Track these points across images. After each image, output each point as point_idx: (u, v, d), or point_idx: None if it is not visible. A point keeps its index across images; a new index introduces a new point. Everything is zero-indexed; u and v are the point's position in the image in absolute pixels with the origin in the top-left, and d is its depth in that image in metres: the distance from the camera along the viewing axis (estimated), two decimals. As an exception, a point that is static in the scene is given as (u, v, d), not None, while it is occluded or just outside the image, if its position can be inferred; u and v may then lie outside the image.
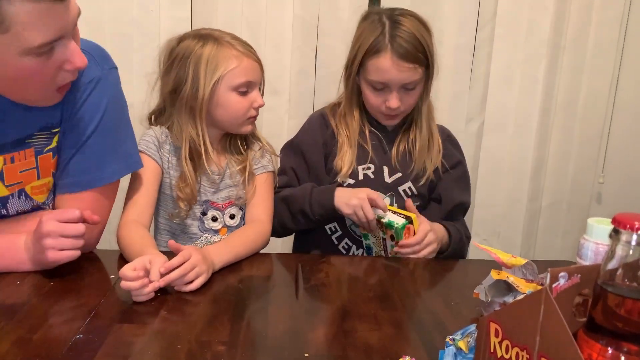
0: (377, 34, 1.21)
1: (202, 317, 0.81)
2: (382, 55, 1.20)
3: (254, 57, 1.17)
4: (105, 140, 1.00)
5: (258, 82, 1.19)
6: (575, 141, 1.90)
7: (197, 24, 1.67)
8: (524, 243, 1.94)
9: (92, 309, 0.82)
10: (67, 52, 0.86)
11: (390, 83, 1.22)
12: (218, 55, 1.13)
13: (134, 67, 1.67)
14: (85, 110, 0.98)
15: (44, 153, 0.98)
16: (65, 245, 0.89)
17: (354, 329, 0.81)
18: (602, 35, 1.81)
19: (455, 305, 0.90)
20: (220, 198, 1.21)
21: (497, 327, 0.57)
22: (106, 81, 1.00)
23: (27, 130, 0.95)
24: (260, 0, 1.69)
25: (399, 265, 1.11)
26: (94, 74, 0.98)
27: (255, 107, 1.17)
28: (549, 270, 0.53)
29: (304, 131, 1.36)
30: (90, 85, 0.97)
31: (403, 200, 1.30)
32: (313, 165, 1.31)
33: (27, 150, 0.96)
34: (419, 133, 1.31)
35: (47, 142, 0.98)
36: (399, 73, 1.20)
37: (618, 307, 0.50)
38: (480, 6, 1.78)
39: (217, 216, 1.21)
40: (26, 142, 0.96)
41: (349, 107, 1.31)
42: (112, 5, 1.63)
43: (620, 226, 0.50)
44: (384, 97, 1.24)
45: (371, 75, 1.23)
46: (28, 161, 0.97)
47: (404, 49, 1.19)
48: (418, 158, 1.30)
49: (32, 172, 0.98)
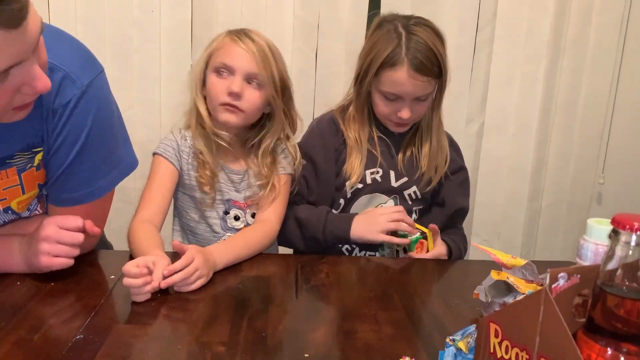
0: (393, 45, 1.20)
1: (202, 318, 0.82)
2: (399, 68, 1.19)
3: (251, 50, 1.14)
4: (92, 156, 0.95)
5: (242, 71, 1.13)
6: (576, 142, 1.90)
7: (197, 24, 1.68)
8: (525, 243, 1.94)
9: (92, 309, 0.82)
10: (26, 76, 0.75)
11: (404, 95, 1.22)
12: (219, 39, 1.17)
13: (134, 67, 1.67)
14: (68, 132, 0.91)
15: (27, 169, 0.94)
16: (60, 253, 0.89)
17: (354, 329, 0.81)
18: (602, 36, 1.81)
19: (455, 306, 0.90)
20: (242, 197, 1.23)
21: (496, 328, 0.57)
22: (87, 96, 0.91)
23: (7, 151, 0.91)
24: (260, 1, 1.69)
25: (399, 266, 1.11)
26: (72, 94, 0.89)
27: (228, 92, 1.12)
28: (548, 270, 0.53)
29: (314, 137, 1.33)
30: (69, 106, 0.90)
31: (407, 203, 1.31)
32: (323, 172, 1.30)
33: (8, 170, 0.93)
34: (428, 144, 1.31)
35: (29, 161, 0.94)
36: (414, 86, 1.20)
37: (617, 307, 0.50)
38: (480, 7, 1.78)
39: (239, 215, 1.23)
40: (7, 162, 0.92)
41: (360, 113, 1.30)
42: (112, 6, 1.63)
43: (619, 227, 0.50)
44: (395, 107, 1.24)
45: (385, 86, 1.22)
46: (11, 179, 0.94)
47: (420, 62, 1.18)
48: (426, 171, 1.31)
49: (16, 189, 0.95)
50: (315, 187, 1.30)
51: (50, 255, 0.88)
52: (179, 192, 1.22)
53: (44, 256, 0.88)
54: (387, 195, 1.31)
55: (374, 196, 1.31)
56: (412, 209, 1.34)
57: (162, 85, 1.69)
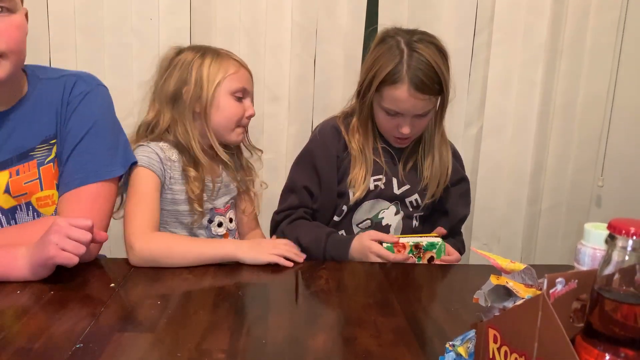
0: (395, 62, 1.20)
1: (202, 325, 0.82)
2: (399, 86, 1.19)
3: (248, 69, 1.24)
4: (97, 142, 1.07)
5: (251, 93, 1.25)
6: (574, 144, 1.90)
7: (196, 32, 1.68)
8: (525, 247, 1.94)
9: (93, 317, 0.82)
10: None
11: (404, 112, 1.23)
12: (219, 62, 1.20)
13: (133, 75, 1.68)
14: (76, 117, 1.06)
15: (46, 164, 1.06)
16: (68, 247, 0.91)
17: (354, 335, 0.81)
18: (599, 38, 1.82)
19: (455, 311, 0.90)
20: (222, 203, 1.26)
21: (495, 333, 0.58)
22: (95, 93, 1.09)
23: (29, 144, 1.05)
24: (259, 8, 1.70)
25: (398, 271, 1.11)
26: (82, 89, 1.08)
27: (247, 115, 1.22)
28: (546, 276, 0.53)
29: (317, 144, 1.33)
30: (79, 97, 1.07)
31: (408, 210, 1.33)
32: (326, 180, 1.30)
33: (30, 163, 1.05)
34: (430, 158, 1.32)
35: (47, 153, 1.06)
36: (414, 104, 1.21)
37: (615, 312, 0.50)
38: (477, 11, 1.78)
39: (221, 221, 1.26)
40: (29, 155, 1.05)
41: (363, 126, 1.30)
42: (111, 15, 1.64)
43: (615, 232, 0.50)
44: (396, 122, 1.25)
45: (386, 103, 1.23)
46: (31, 172, 1.05)
47: (421, 80, 1.18)
48: (429, 183, 1.32)
49: (35, 183, 1.05)
50: (318, 195, 1.30)
51: (59, 247, 0.90)
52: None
53: (53, 246, 0.90)
54: (388, 201, 1.32)
55: (377, 202, 1.32)
56: (413, 216, 1.35)
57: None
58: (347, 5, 1.72)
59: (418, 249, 1.19)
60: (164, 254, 1.04)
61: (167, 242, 1.07)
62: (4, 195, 1.04)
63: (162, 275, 1.01)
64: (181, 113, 1.18)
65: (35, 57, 1.62)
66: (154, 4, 1.65)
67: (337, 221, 1.33)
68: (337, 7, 1.73)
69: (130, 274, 1.01)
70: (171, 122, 1.19)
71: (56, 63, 1.65)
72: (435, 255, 1.20)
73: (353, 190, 1.29)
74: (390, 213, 1.33)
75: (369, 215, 1.32)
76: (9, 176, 1.03)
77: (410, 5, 1.74)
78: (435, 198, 1.34)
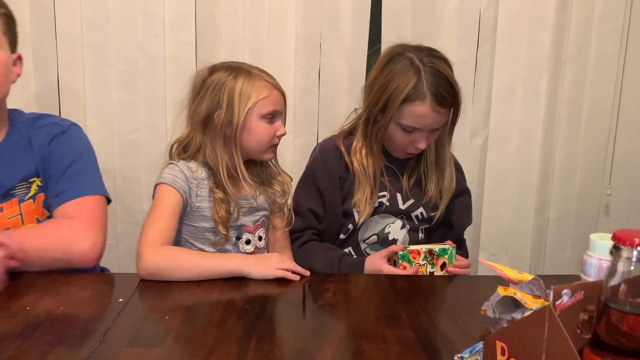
0: (414, 80, 1.20)
1: (210, 340, 0.82)
2: (422, 103, 1.20)
3: (280, 89, 1.24)
4: (87, 166, 1.17)
5: (282, 112, 1.25)
6: (581, 153, 1.90)
7: (201, 48, 1.70)
8: (533, 257, 1.93)
9: (102, 333, 0.83)
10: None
11: (424, 127, 1.23)
12: (251, 85, 1.19)
13: (140, 91, 1.70)
14: (60, 150, 1.15)
15: (26, 200, 1.13)
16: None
17: (362, 348, 0.81)
18: (603, 47, 1.82)
19: (464, 323, 0.90)
20: (252, 221, 1.26)
21: (503, 345, 0.57)
22: (74, 129, 1.20)
23: (11, 182, 1.12)
24: (263, 23, 1.71)
25: (405, 283, 1.11)
26: (57, 130, 1.17)
27: (278, 135, 1.23)
28: (552, 287, 0.53)
29: (319, 165, 1.33)
30: (56, 139, 1.16)
31: (414, 223, 1.33)
32: (330, 201, 1.31)
33: (12, 200, 1.12)
34: (437, 173, 1.33)
35: (27, 190, 1.13)
36: (435, 119, 1.22)
37: (621, 323, 0.50)
38: (480, 22, 1.79)
39: (250, 239, 1.26)
40: (11, 193, 1.12)
41: (369, 146, 1.29)
42: (117, 32, 1.66)
43: (620, 243, 0.50)
44: (412, 138, 1.25)
45: (405, 120, 1.23)
46: (13, 209, 1.12)
47: (442, 95, 1.20)
48: (434, 196, 1.33)
49: (17, 219, 1.12)
50: (323, 216, 1.31)
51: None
52: (182, 224, 1.20)
53: None
54: (394, 216, 1.32)
55: (382, 217, 1.32)
56: (419, 228, 1.35)
57: (167, 108, 1.71)
58: (351, 18, 1.73)
59: (432, 255, 1.20)
60: (170, 266, 1.05)
61: (175, 256, 1.08)
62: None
63: (170, 289, 1.01)
64: (212, 137, 1.19)
65: (43, 75, 1.65)
66: (160, 20, 1.67)
67: (344, 239, 1.33)
68: (340, 20, 1.74)
69: (138, 289, 1.01)
70: (202, 144, 1.20)
71: (64, 80, 1.67)
72: (447, 261, 1.21)
73: (358, 210, 1.29)
74: (396, 227, 1.33)
75: (375, 230, 1.32)
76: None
77: (414, 17, 1.75)
78: (441, 211, 1.34)
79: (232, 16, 1.70)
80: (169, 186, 1.16)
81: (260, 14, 1.71)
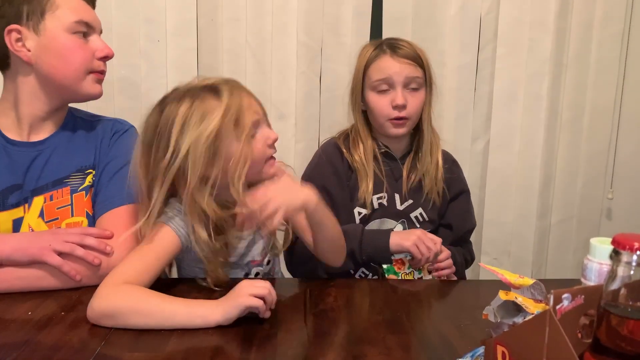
0: (374, 47, 1.32)
1: (211, 345, 0.82)
2: (382, 56, 1.29)
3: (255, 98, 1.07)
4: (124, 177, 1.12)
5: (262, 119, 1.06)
6: (582, 157, 1.90)
7: (203, 53, 1.71)
8: (535, 261, 1.93)
9: (103, 338, 0.83)
10: (98, 43, 1.13)
11: (393, 79, 1.27)
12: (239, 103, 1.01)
13: (142, 97, 1.70)
14: (118, 148, 1.15)
15: (78, 192, 1.12)
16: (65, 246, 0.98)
17: (363, 353, 0.80)
18: (603, 50, 1.82)
19: (465, 327, 0.90)
20: (257, 253, 1.11)
21: (503, 350, 0.57)
22: (130, 131, 1.19)
23: (65, 171, 1.12)
24: (265, 29, 1.72)
25: (407, 288, 1.11)
26: (120, 128, 1.19)
27: (269, 143, 1.05)
28: (552, 292, 0.53)
29: (324, 165, 1.32)
30: (117, 134, 1.17)
31: (415, 226, 1.32)
32: (339, 200, 1.29)
33: (64, 189, 1.11)
34: (427, 162, 1.33)
35: (81, 181, 1.13)
36: (400, 67, 1.27)
37: (622, 327, 0.50)
38: (481, 26, 1.80)
39: (259, 271, 1.13)
40: (64, 182, 1.11)
41: (362, 133, 1.33)
42: (119, 37, 1.67)
43: (619, 247, 0.50)
44: (389, 97, 1.27)
45: (374, 76, 1.29)
46: (64, 199, 1.11)
47: (403, 49, 1.29)
48: (429, 191, 1.33)
49: (67, 209, 1.11)
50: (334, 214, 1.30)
51: (60, 240, 0.98)
52: (185, 267, 1.10)
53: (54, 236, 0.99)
54: (394, 219, 1.31)
55: (383, 221, 1.32)
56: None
57: (169, 113, 1.71)
58: (352, 23, 1.74)
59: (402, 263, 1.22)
60: (128, 309, 0.87)
61: (135, 296, 0.89)
62: (38, 220, 1.09)
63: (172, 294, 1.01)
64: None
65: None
66: (162, 26, 1.68)
67: None
68: (341, 25, 1.75)
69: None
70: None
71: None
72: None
73: (365, 206, 1.29)
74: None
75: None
76: (43, 201, 1.10)
77: (415, 22, 1.76)
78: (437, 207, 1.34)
79: (233, 22, 1.71)
80: (166, 226, 1.00)
81: (261, 19, 1.72)
